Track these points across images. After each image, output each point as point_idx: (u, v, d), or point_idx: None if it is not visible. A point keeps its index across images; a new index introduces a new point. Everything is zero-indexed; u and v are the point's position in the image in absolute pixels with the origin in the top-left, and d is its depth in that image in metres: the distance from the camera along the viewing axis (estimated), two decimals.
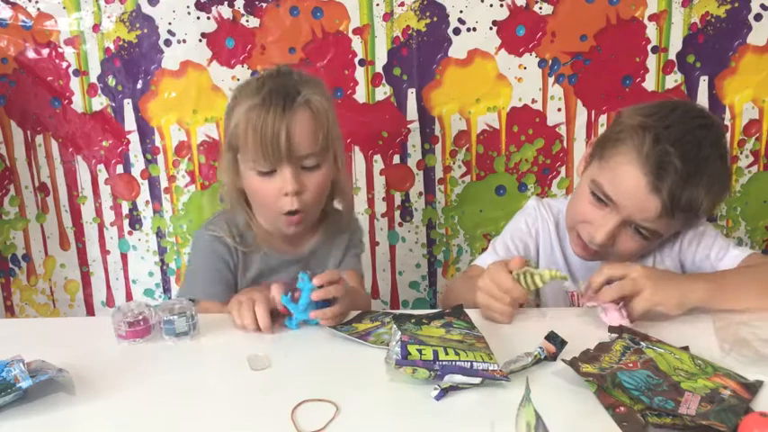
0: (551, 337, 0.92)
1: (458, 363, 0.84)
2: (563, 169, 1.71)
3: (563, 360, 0.88)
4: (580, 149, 1.67)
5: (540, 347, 0.90)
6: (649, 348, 0.90)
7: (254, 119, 1.15)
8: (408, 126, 1.69)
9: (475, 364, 0.84)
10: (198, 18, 1.61)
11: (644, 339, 0.93)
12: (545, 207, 1.34)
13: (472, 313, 1.04)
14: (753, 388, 0.82)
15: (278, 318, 1.06)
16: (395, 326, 0.91)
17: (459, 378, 0.83)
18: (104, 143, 1.73)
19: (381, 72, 1.64)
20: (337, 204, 1.35)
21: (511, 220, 1.38)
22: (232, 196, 1.28)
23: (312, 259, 1.32)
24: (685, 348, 0.92)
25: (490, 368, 0.84)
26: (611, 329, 0.98)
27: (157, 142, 1.72)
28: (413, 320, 0.98)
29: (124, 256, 1.82)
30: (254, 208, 1.27)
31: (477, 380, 0.83)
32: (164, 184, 1.75)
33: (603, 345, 0.93)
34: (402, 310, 1.09)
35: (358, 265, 1.40)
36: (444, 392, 0.83)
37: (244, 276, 1.29)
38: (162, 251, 1.81)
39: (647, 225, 1.14)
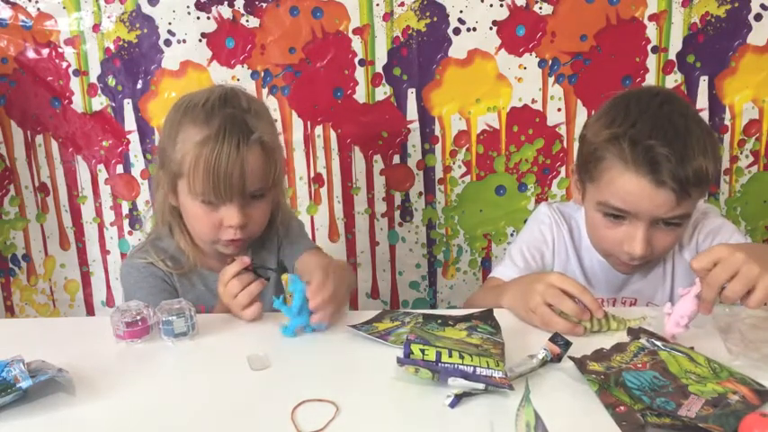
0: (555, 339, 0.92)
1: (460, 366, 0.83)
2: (563, 169, 1.71)
3: (570, 357, 0.88)
4: None
5: (545, 348, 0.90)
6: (664, 350, 0.90)
7: (207, 154, 1.12)
8: (408, 126, 1.68)
9: (478, 369, 0.83)
10: (198, 18, 1.61)
11: (661, 340, 0.92)
12: (557, 213, 1.32)
13: (504, 318, 1.02)
14: (765, 395, 0.81)
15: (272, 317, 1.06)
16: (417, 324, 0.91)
17: (461, 382, 0.83)
18: (104, 143, 1.73)
19: (381, 72, 1.64)
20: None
21: (524, 228, 1.38)
22: (164, 213, 1.26)
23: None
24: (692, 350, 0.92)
25: (494, 375, 0.83)
26: (630, 332, 0.97)
27: (157, 142, 1.71)
28: (438, 321, 0.98)
29: (124, 256, 1.82)
30: (190, 228, 1.24)
31: (482, 385, 0.82)
32: None
33: (620, 345, 0.92)
34: (430, 311, 1.08)
35: (307, 242, 1.37)
36: (459, 399, 0.82)
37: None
38: None
39: (672, 215, 1.11)
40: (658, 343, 0.91)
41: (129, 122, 1.70)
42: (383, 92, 1.66)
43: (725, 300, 0.92)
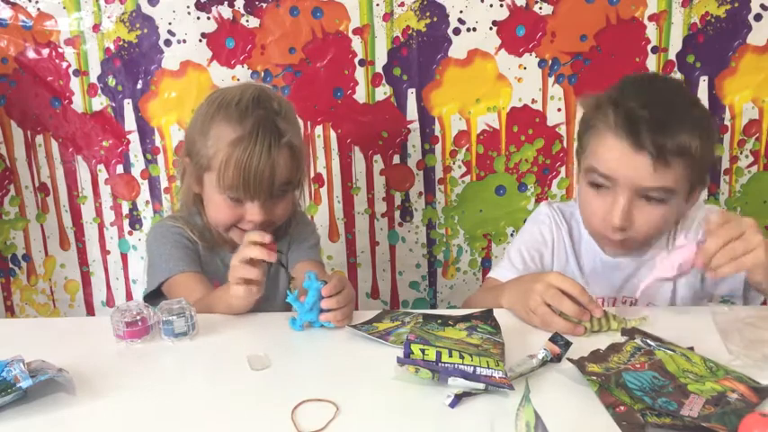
0: (555, 339, 0.92)
1: (460, 366, 0.83)
2: (563, 169, 1.71)
3: (569, 359, 0.88)
4: None
5: (545, 349, 0.90)
6: (660, 350, 0.90)
7: (240, 154, 1.17)
8: (408, 126, 1.69)
9: (478, 369, 0.83)
10: (198, 18, 1.61)
11: (656, 340, 0.93)
12: (557, 213, 1.32)
13: (504, 318, 1.02)
14: (763, 392, 0.81)
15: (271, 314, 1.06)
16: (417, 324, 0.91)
17: (461, 382, 0.83)
18: (104, 143, 1.73)
19: (381, 72, 1.64)
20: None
21: (523, 228, 1.38)
22: (188, 199, 1.32)
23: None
24: (692, 350, 0.92)
25: (494, 374, 0.83)
26: (624, 332, 0.97)
27: (157, 142, 1.72)
28: (439, 321, 0.99)
29: (124, 256, 1.82)
30: (209, 216, 1.29)
31: (482, 385, 0.82)
32: (164, 184, 1.75)
33: (615, 345, 0.92)
34: (430, 311, 1.08)
35: (314, 254, 1.40)
36: (459, 399, 0.82)
37: (205, 273, 1.29)
38: None
39: (653, 186, 1.11)
40: (653, 343, 0.91)
41: (129, 122, 1.70)
42: (383, 92, 1.66)
43: (717, 260, 0.96)
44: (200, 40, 1.63)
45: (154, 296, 1.27)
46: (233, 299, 1.08)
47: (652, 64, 1.61)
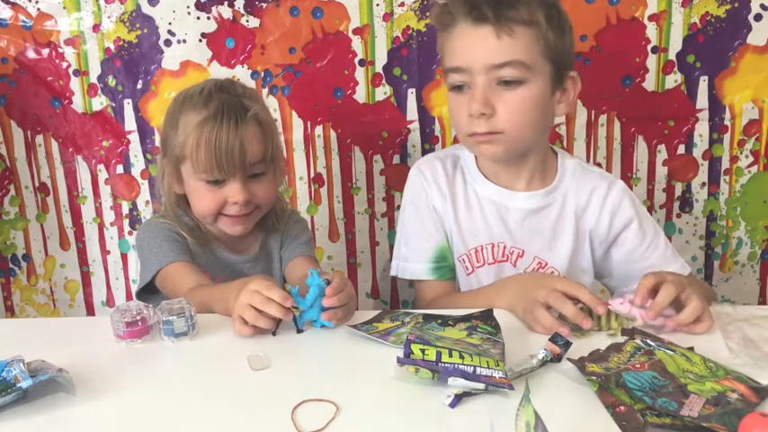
0: (555, 339, 0.92)
1: (460, 366, 0.83)
2: None
3: (569, 359, 0.88)
4: (580, 149, 1.67)
5: (545, 349, 0.90)
6: (660, 350, 0.90)
7: (208, 132, 1.20)
8: (408, 126, 1.69)
9: (478, 369, 0.83)
10: (198, 18, 1.61)
11: (656, 341, 0.93)
12: (429, 169, 1.33)
13: (504, 318, 1.02)
14: (763, 392, 0.81)
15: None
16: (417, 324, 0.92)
17: (461, 382, 0.83)
18: (104, 143, 1.73)
19: (381, 72, 1.64)
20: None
21: (401, 214, 1.37)
22: (171, 202, 1.33)
23: (261, 258, 1.36)
24: (692, 350, 0.92)
25: (494, 374, 0.83)
26: (624, 332, 0.97)
27: (157, 142, 1.71)
28: (439, 321, 0.99)
29: (124, 256, 1.82)
30: (194, 210, 1.30)
31: (482, 385, 0.82)
32: None
33: (615, 345, 0.92)
34: (430, 311, 1.08)
35: (308, 251, 1.40)
36: (459, 399, 0.82)
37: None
38: None
39: (502, 60, 1.14)
40: (653, 343, 0.91)
41: (129, 122, 1.70)
42: (383, 92, 1.66)
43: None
44: (200, 40, 1.63)
45: (148, 292, 1.28)
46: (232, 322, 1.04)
47: (652, 64, 1.61)
